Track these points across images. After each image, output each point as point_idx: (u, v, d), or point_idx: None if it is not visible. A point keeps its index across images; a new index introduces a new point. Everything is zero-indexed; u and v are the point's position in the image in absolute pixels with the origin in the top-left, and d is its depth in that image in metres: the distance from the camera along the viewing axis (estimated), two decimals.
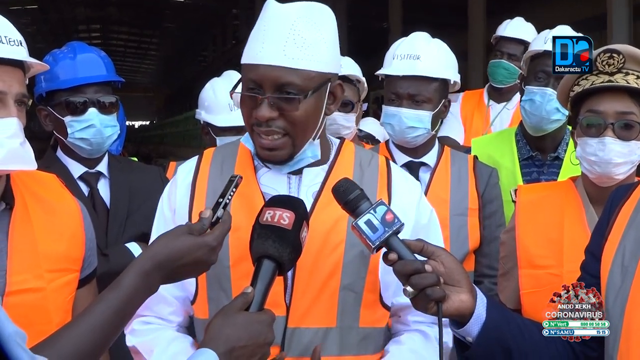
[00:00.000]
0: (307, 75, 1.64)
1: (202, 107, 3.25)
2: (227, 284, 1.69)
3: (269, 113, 1.63)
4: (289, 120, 1.65)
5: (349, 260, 1.70)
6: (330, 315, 1.70)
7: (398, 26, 18.45)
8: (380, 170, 1.82)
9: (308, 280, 1.68)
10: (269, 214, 1.51)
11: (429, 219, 1.83)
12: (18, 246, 1.77)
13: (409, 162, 2.79)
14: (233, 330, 1.39)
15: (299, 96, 1.63)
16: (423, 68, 2.71)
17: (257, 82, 1.64)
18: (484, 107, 4.40)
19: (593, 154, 2.03)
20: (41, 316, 1.76)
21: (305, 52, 1.64)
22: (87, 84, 2.58)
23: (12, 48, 1.71)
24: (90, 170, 2.66)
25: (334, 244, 1.70)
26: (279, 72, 1.62)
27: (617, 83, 1.97)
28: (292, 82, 1.63)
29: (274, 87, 1.63)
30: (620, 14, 11.73)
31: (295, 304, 1.68)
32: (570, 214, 2.13)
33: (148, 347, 1.76)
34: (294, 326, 1.68)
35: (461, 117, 4.33)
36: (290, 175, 1.77)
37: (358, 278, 1.71)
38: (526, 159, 2.99)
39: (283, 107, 1.64)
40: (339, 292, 1.70)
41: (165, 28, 41.94)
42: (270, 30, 1.65)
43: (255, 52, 1.65)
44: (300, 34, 1.64)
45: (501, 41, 4.41)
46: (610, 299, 1.57)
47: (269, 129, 1.65)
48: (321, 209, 1.69)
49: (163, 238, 1.48)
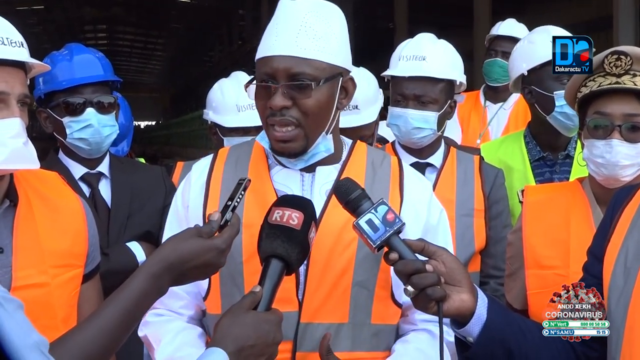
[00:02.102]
0: (319, 65, 1.70)
1: (210, 107, 3.26)
2: (240, 280, 1.71)
3: (283, 102, 1.67)
4: (302, 109, 1.69)
5: (361, 258, 1.72)
6: (342, 311, 1.72)
7: (404, 27, 18.44)
8: (393, 170, 1.84)
9: (321, 276, 1.70)
10: (278, 214, 1.52)
11: (439, 219, 1.85)
12: (22, 243, 1.80)
13: (415, 162, 2.79)
14: (242, 330, 1.39)
15: (311, 83, 1.67)
16: (429, 69, 2.72)
17: (271, 73, 1.69)
18: (480, 108, 4.42)
19: (600, 155, 2.03)
20: (46, 311, 1.78)
21: (316, 43, 1.70)
22: (84, 84, 2.59)
23: (14, 49, 1.73)
24: (91, 171, 2.67)
25: (347, 242, 1.72)
26: (291, 61, 1.68)
27: (624, 85, 1.97)
28: (304, 72, 1.68)
29: (286, 77, 1.68)
30: (627, 15, 11.71)
31: (307, 299, 1.70)
32: (577, 215, 2.13)
33: (157, 337, 1.78)
34: (307, 321, 1.70)
35: (458, 118, 4.33)
36: (304, 173, 1.79)
37: (370, 275, 1.73)
38: (537, 159, 2.98)
39: (296, 96, 1.68)
40: (351, 288, 1.72)
41: (171, 28, 42.05)
42: (282, 24, 1.72)
43: (269, 45, 1.72)
44: (311, 27, 1.70)
45: (495, 40, 4.44)
46: (612, 301, 1.57)
47: (282, 118, 1.69)
48: (334, 206, 1.70)
49: (172, 240, 1.49)
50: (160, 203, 2.68)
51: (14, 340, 0.86)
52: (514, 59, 3.05)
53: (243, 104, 3.11)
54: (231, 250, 1.56)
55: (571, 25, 3.15)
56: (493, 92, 4.41)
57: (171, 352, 1.74)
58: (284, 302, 1.52)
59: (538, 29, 3.09)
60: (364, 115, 2.89)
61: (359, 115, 2.87)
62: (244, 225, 1.68)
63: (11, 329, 0.87)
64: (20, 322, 0.91)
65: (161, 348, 1.75)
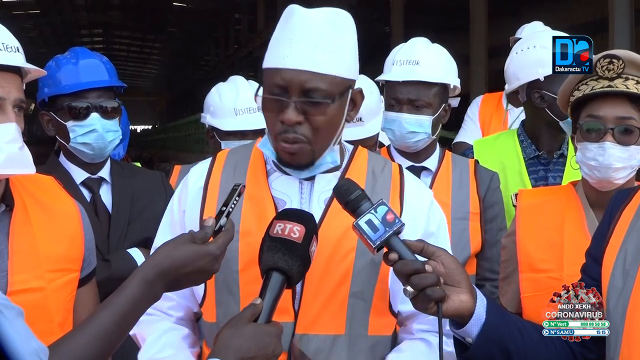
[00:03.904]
0: (333, 80, 1.65)
1: (207, 111, 3.27)
2: (235, 289, 1.70)
3: (296, 117, 1.63)
4: (314, 125, 1.65)
5: (359, 268, 1.70)
6: (339, 322, 1.70)
7: (400, 30, 18.44)
8: (393, 177, 1.83)
9: (318, 287, 1.68)
10: (279, 227, 1.52)
11: (438, 227, 1.83)
12: (18, 247, 1.79)
13: (410, 166, 2.79)
14: (243, 341, 1.40)
15: (327, 101, 1.64)
16: (422, 73, 2.72)
17: (283, 86, 1.64)
18: (502, 111, 4.35)
19: (593, 158, 2.04)
20: (42, 315, 1.78)
21: (332, 57, 1.64)
22: (89, 89, 2.58)
23: (10, 54, 1.73)
24: (92, 176, 2.66)
25: (345, 251, 1.70)
26: (305, 76, 1.62)
27: (616, 88, 1.97)
28: (319, 87, 1.63)
29: (300, 92, 1.63)
30: (622, 17, 11.72)
31: (303, 310, 1.68)
32: (571, 218, 2.14)
33: (142, 337, 1.78)
34: (302, 332, 1.68)
35: (479, 121, 4.31)
36: (303, 181, 1.76)
37: (368, 286, 1.71)
38: (532, 158, 2.99)
39: (309, 111, 1.64)
40: (348, 299, 1.70)
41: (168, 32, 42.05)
42: (297, 35, 1.65)
43: (282, 56, 1.64)
44: (328, 40, 1.65)
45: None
46: (611, 302, 1.58)
47: (295, 136, 1.65)
48: (333, 216, 1.69)
49: (166, 246, 1.49)
50: (161, 209, 2.64)
51: (14, 348, 0.86)
52: (522, 64, 2.99)
53: (240, 108, 3.12)
54: (227, 258, 1.55)
55: (567, 28, 3.14)
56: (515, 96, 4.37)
57: (153, 353, 1.74)
58: (280, 312, 1.50)
59: (540, 34, 3.08)
60: (368, 127, 2.89)
61: (363, 128, 2.87)
62: (240, 233, 1.68)
63: (11, 337, 0.87)
64: (20, 330, 0.91)
65: (145, 348, 1.75)
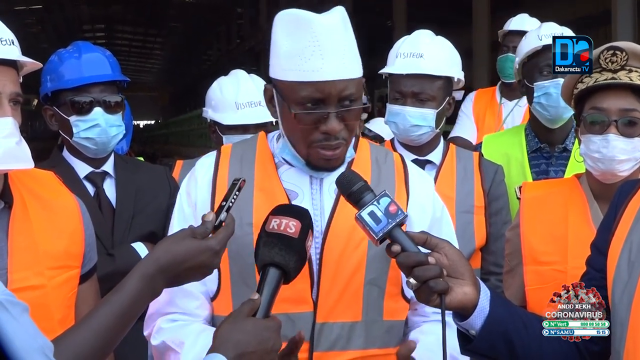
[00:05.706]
0: (359, 82, 1.71)
1: (209, 105, 3.27)
2: (251, 280, 1.69)
3: (339, 126, 1.67)
4: (350, 128, 1.71)
5: (372, 256, 1.73)
6: (356, 309, 1.73)
7: (403, 24, 18.41)
8: (397, 166, 1.86)
9: (334, 276, 1.71)
10: (275, 222, 1.52)
11: (442, 212, 1.88)
12: (18, 244, 1.77)
13: (414, 160, 2.78)
14: (242, 336, 1.40)
15: (361, 105, 1.69)
16: (426, 66, 2.72)
17: (321, 98, 1.66)
18: (496, 105, 4.38)
19: (597, 151, 2.04)
20: (43, 313, 1.76)
21: (356, 60, 1.71)
22: (92, 83, 2.58)
23: (5, 48, 1.71)
24: (96, 170, 2.66)
25: (358, 240, 1.72)
26: (341, 85, 1.66)
27: (620, 80, 1.97)
28: (352, 93, 1.68)
29: (338, 101, 1.66)
30: (625, 10, 11.68)
31: (322, 299, 1.71)
32: (575, 211, 2.14)
33: (179, 341, 1.76)
34: (322, 321, 1.71)
35: (473, 116, 4.32)
36: (313, 173, 1.79)
37: (381, 273, 1.75)
38: (534, 150, 3.00)
39: (346, 117, 1.68)
40: (363, 286, 1.73)
41: (170, 27, 41.96)
42: (325, 45, 1.65)
43: (315, 69, 1.65)
44: (349, 44, 1.69)
45: (508, 36, 4.41)
46: (617, 294, 1.58)
47: (337, 142, 1.69)
48: (343, 206, 1.70)
49: (166, 241, 1.49)
50: (165, 203, 2.68)
51: (19, 344, 0.86)
52: None
53: (242, 102, 3.12)
54: (241, 251, 1.57)
55: (570, 21, 3.16)
56: (508, 89, 4.36)
57: (197, 354, 1.70)
58: (299, 302, 1.53)
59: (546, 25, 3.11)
60: None
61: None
62: (254, 226, 1.70)
63: (16, 333, 0.87)
64: (25, 326, 0.91)
65: (185, 350, 1.72)
